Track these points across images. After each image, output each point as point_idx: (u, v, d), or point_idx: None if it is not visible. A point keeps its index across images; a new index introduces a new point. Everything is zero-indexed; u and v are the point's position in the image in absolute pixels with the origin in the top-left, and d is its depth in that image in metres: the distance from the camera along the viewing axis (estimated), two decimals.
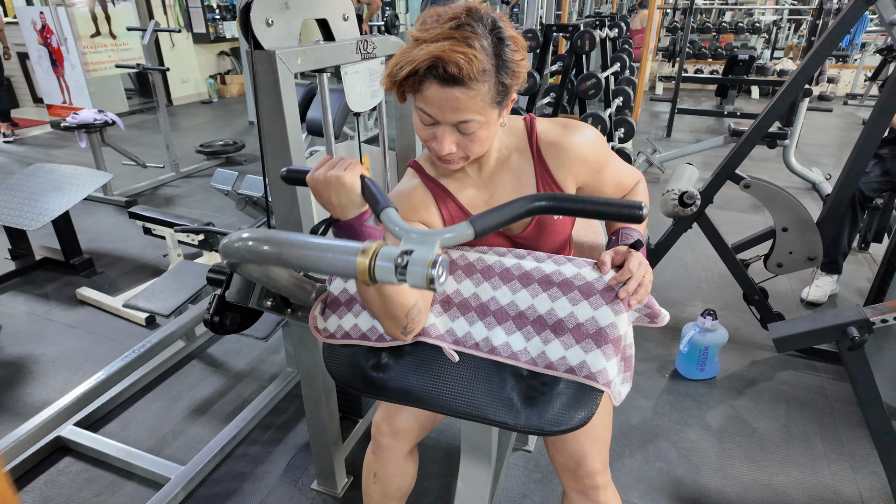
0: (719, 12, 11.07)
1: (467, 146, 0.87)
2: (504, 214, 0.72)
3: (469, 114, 0.81)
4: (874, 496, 1.63)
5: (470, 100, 0.80)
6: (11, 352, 2.29)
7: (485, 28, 0.80)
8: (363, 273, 0.61)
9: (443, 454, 1.77)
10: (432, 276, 0.60)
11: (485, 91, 0.80)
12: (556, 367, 0.87)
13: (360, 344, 0.97)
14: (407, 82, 0.80)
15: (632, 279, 0.87)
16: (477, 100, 0.80)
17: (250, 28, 1.10)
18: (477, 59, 0.77)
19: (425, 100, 0.82)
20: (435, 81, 0.79)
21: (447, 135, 0.85)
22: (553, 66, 4.07)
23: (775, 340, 1.37)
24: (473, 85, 0.79)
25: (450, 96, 0.79)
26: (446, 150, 0.86)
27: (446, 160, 0.90)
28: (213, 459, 1.71)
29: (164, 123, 4.31)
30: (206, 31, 7.56)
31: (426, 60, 0.77)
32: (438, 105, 0.81)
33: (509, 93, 0.86)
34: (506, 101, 0.87)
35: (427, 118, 0.84)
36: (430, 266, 0.60)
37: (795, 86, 1.93)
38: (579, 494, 1.05)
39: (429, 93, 0.80)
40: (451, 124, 0.84)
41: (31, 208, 2.54)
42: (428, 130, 0.86)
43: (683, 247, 3.09)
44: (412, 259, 0.61)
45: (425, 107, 0.83)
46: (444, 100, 0.80)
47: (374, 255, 0.62)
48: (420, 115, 0.85)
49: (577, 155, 0.97)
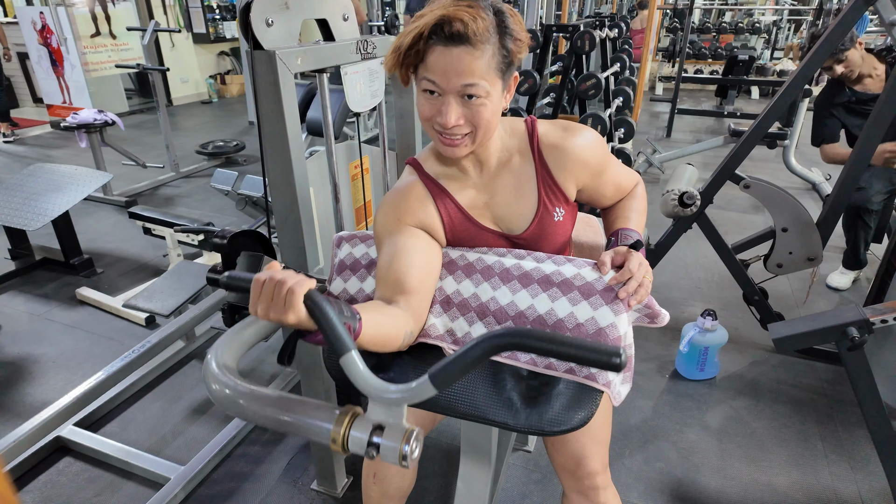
0: (719, 12, 11.07)
1: (472, 118, 0.84)
2: (465, 361, 0.62)
3: (475, 77, 0.81)
4: (874, 496, 1.63)
5: (475, 61, 0.80)
6: (11, 352, 2.29)
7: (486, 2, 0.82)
8: (336, 442, 0.61)
9: (443, 454, 1.77)
10: (405, 452, 0.60)
11: (489, 54, 0.81)
12: (556, 367, 0.87)
13: None
14: (412, 50, 0.80)
15: (632, 279, 0.87)
16: (482, 62, 0.80)
17: (250, 28, 1.10)
18: (482, 17, 0.79)
19: (430, 68, 0.81)
20: (440, 43, 0.79)
21: (452, 105, 0.83)
22: (553, 67, 4.07)
23: (775, 341, 1.37)
24: (479, 45, 0.79)
25: (455, 57, 0.79)
26: (453, 121, 0.83)
27: (451, 138, 0.87)
28: (213, 459, 1.71)
29: (164, 123, 4.31)
30: (206, 31, 7.56)
31: (432, 21, 0.78)
32: (443, 69, 0.80)
33: (512, 63, 0.86)
34: (509, 73, 0.86)
35: (432, 88, 0.83)
36: (404, 441, 0.60)
37: (795, 86, 1.93)
38: (579, 495, 1.05)
39: (433, 58, 0.80)
40: (457, 92, 0.82)
41: (30, 208, 2.54)
42: (432, 104, 0.84)
43: (683, 247, 3.09)
44: (385, 435, 0.61)
45: (430, 75, 0.82)
46: (450, 62, 0.79)
47: (348, 424, 0.62)
48: (425, 88, 0.84)
49: (578, 157, 0.97)
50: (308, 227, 1.31)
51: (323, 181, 1.62)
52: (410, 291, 0.88)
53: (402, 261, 0.89)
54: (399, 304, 0.86)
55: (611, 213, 1.09)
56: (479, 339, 0.62)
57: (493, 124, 0.87)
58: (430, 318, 0.94)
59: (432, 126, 0.87)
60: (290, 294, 0.65)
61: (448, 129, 0.85)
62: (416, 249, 0.92)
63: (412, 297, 0.88)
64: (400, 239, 0.92)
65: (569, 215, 1.03)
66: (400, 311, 0.85)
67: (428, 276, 0.92)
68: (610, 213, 1.09)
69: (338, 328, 0.65)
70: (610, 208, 1.10)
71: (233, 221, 3.57)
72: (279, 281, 0.65)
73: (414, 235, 0.93)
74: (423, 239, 0.94)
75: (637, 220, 1.03)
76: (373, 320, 0.75)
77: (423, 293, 0.90)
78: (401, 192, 0.97)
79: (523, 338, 0.61)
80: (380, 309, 0.82)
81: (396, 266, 0.89)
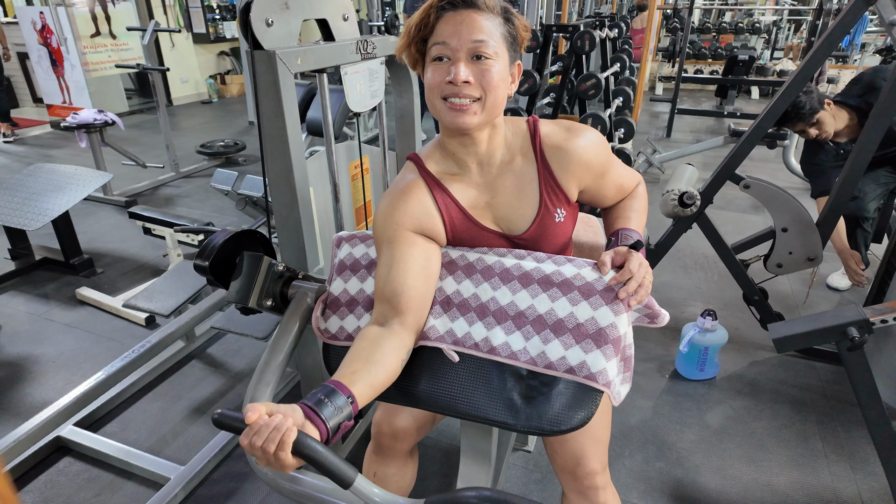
0: (719, 12, 11.08)
1: (482, 78, 0.85)
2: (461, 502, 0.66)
3: (484, 33, 0.84)
4: (874, 496, 1.63)
5: (484, 21, 0.84)
6: (11, 352, 2.29)
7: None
8: None
9: (443, 454, 1.77)
10: None
11: (497, 23, 0.86)
12: (556, 367, 0.87)
13: None
14: (422, 23, 0.85)
15: (632, 280, 0.87)
16: (490, 23, 0.85)
17: (250, 28, 1.10)
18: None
19: (439, 33, 0.85)
20: (449, 10, 0.85)
21: (463, 62, 0.84)
22: (553, 67, 4.07)
23: (775, 341, 1.37)
24: (487, 11, 0.85)
25: (465, 17, 0.84)
26: (462, 76, 0.83)
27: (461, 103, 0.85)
28: (213, 459, 1.71)
29: (164, 123, 4.31)
30: (206, 31, 7.56)
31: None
32: (454, 28, 0.84)
33: (516, 43, 0.89)
34: (514, 54, 0.90)
35: (441, 54, 0.85)
36: None
37: (795, 86, 1.93)
38: (578, 495, 1.05)
39: (443, 25, 0.85)
40: (467, 51, 0.84)
41: (30, 208, 2.54)
42: (442, 68, 0.85)
43: (683, 247, 3.09)
44: None
45: (440, 38, 0.85)
46: (461, 21, 0.84)
47: None
48: (434, 55, 0.86)
49: (581, 159, 0.97)
50: (308, 227, 1.31)
51: (323, 181, 1.62)
52: (406, 311, 0.89)
53: (399, 273, 0.90)
54: (393, 326, 0.88)
55: (611, 213, 1.08)
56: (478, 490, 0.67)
57: (500, 93, 0.87)
58: (429, 319, 0.94)
59: (441, 94, 0.86)
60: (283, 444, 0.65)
61: (458, 86, 0.84)
62: (414, 258, 0.92)
63: (408, 317, 0.89)
64: (398, 249, 0.92)
65: (570, 216, 1.03)
66: (394, 339, 0.87)
67: (425, 284, 0.92)
68: (610, 213, 1.09)
69: (336, 465, 0.66)
70: (610, 208, 1.10)
71: (233, 221, 3.57)
72: (271, 430, 0.66)
73: (412, 243, 0.93)
74: (420, 246, 0.94)
75: (637, 219, 1.03)
76: (367, 383, 0.79)
77: (419, 309, 0.91)
78: (401, 192, 0.96)
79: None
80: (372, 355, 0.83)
81: (394, 278, 0.90)
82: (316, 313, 1.02)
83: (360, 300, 0.99)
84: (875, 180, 2.41)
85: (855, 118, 2.26)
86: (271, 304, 1.11)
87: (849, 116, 2.27)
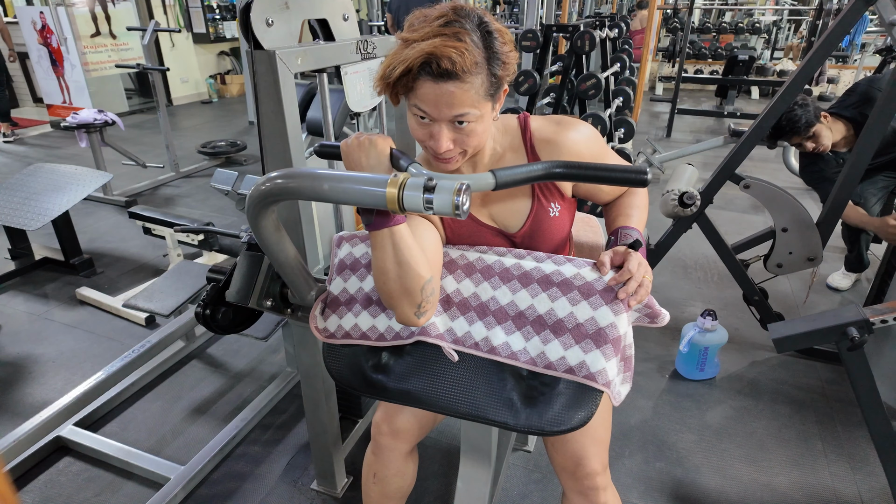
0: (719, 12, 11.07)
1: (464, 141, 0.86)
2: (523, 172, 0.80)
3: (464, 107, 0.81)
4: (874, 496, 1.63)
5: (464, 93, 0.80)
6: (11, 352, 2.29)
7: (472, 23, 0.81)
8: (393, 202, 0.66)
9: (443, 454, 1.77)
10: (457, 203, 0.64)
11: (478, 84, 0.81)
12: (556, 368, 0.87)
13: (361, 343, 0.97)
14: (401, 82, 0.80)
15: (632, 280, 0.87)
16: (471, 93, 0.81)
17: (250, 28, 1.10)
18: (469, 51, 0.78)
19: (420, 98, 0.82)
20: (429, 78, 0.79)
21: (444, 132, 0.84)
22: (553, 67, 4.06)
23: (775, 341, 1.37)
24: (467, 78, 0.79)
25: (444, 91, 0.80)
26: (444, 147, 0.85)
27: (444, 159, 0.88)
28: (213, 459, 1.71)
29: (164, 123, 4.31)
30: (206, 31, 7.56)
31: (419, 58, 0.77)
32: (434, 101, 0.81)
33: (501, 84, 0.86)
34: (498, 93, 0.87)
35: (423, 116, 0.84)
36: (456, 193, 0.64)
37: (795, 86, 1.93)
38: (579, 495, 1.04)
39: (423, 91, 0.80)
40: (448, 120, 0.83)
41: (31, 208, 2.54)
42: (424, 129, 0.86)
43: (683, 247, 3.09)
44: (439, 186, 0.65)
45: (420, 104, 0.82)
46: (440, 95, 0.80)
47: (402, 185, 0.66)
48: (415, 114, 0.85)
49: (572, 152, 0.97)
50: (308, 227, 1.30)
51: None
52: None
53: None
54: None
55: (611, 211, 1.08)
56: (539, 163, 0.82)
57: (483, 140, 0.89)
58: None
59: (424, 146, 0.89)
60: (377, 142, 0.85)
61: (440, 154, 0.87)
62: (427, 232, 0.93)
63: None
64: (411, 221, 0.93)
65: (566, 210, 1.03)
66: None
67: (436, 256, 0.93)
68: (610, 211, 1.09)
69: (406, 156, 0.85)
70: (610, 205, 1.10)
71: (233, 221, 3.57)
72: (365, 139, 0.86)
73: (419, 221, 0.95)
74: (427, 225, 0.96)
75: (638, 216, 1.03)
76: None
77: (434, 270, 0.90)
78: None
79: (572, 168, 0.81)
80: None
81: None
82: (314, 312, 1.02)
83: (358, 298, 0.99)
84: (874, 184, 2.41)
85: (851, 129, 2.27)
86: (271, 304, 1.11)
87: (845, 128, 2.27)
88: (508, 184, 0.78)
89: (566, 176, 0.82)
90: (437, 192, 0.65)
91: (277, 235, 0.89)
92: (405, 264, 0.83)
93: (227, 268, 1.15)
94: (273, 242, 0.89)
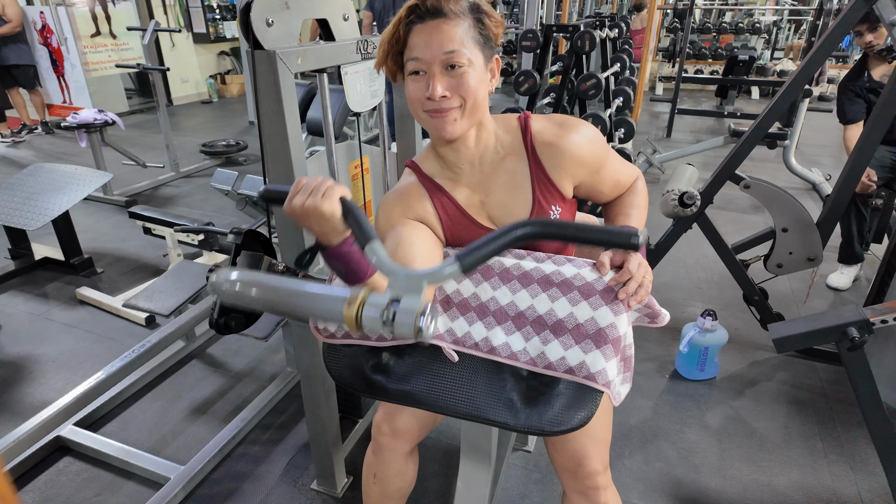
0: (719, 12, 11.07)
1: (458, 87, 0.86)
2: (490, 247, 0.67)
3: (454, 43, 0.84)
4: (874, 496, 1.63)
5: (452, 28, 0.84)
6: (11, 352, 2.29)
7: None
8: (350, 323, 0.61)
9: (443, 454, 1.77)
10: (420, 327, 0.60)
11: (466, 26, 0.85)
12: (556, 368, 0.87)
13: (361, 344, 0.97)
14: (394, 38, 0.85)
15: (631, 280, 0.87)
16: (459, 30, 0.84)
17: (250, 28, 1.10)
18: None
19: (411, 46, 0.86)
20: (418, 21, 0.85)
21: (438, 76, 0.85)
22: (553, 67, 4.06)
23: (775, 341, 1.37)
24: (454, 16, 0.84)
25: (433, 28, 0.84)
26: (439, 91, 0.85)
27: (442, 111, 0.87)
28: (213, 459, 1.71)
29: (164, 123, 4.31)
30: (206, 30, 7.56)
31: (407, 7, 0.85)
32: (425, 41, 0.84)
33: (491, 41, 0.89)
34: (489, 51, 0.90)
35: (416, 68, 0.86)
36: (419, 316, 0.60)
37: (795, 86, 1.93)
38: (579, 495, 1.04)
39: (414, 38, 0.85)
40: (440, 63, 0.85)
41: (31, 208, 2.54)
42: (420, 83, 0.87)
43: (683, 247, 3.09)
44: (400, 309, 0.61)
45: (413, 52, 0.85)
46: (430, 33, 0.84)
47: (360, 305, 0.61)
48: (410, 70, 0.87)
49: (574, 155, 0.96)
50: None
51: None
52: None
53: (406, 249, 0.91)
54: None
55: (611, 210, 1.08)
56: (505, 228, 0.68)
57: (480, 95, 0.89)
58: None
59: (422, 108, 0.89)
60: (330, 189, 0.74)
61: (436, 101, 0.86)
62: (420, 238, 0.94)
63: None
64: (403, 230, 0.94)
65: (566, 212, 1.03)
66: None
67: (433, 259, 0.94)
68: (610, 210, 1.09)
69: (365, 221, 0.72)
70: (610, 204, 1.09)
71: (233, 221, 3.57)
72: (321, 180, 0.75)
73: (416, 227, 0.95)
74: (425, 231, 0.96)
75: (637, 216, 1.03)
76: None
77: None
78: (400, 192, 1.00)
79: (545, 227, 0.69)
80: None
81: (402, 254, 0.90)
82: None
83: None
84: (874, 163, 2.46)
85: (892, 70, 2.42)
86: None
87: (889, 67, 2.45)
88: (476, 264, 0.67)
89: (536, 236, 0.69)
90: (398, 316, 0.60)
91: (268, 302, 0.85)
92: None
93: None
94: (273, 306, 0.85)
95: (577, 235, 0.68)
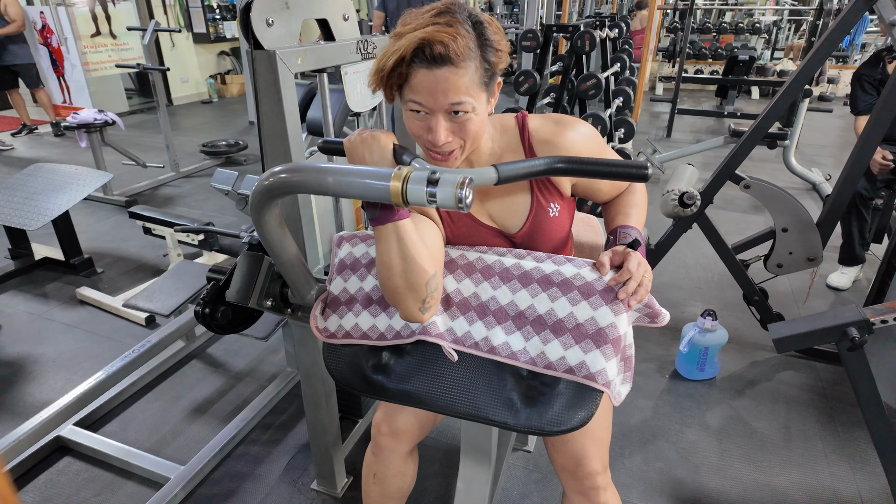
0: (719, 12, 11.07)
1: (461, 132, 0.85)
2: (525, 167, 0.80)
3: (460, 94, 0.81)
4: (874, 496, 1.63)
5: (459, 79, 0.80)
6: (11, 352, 2.29)
7: (463, 15, 0.82)
8: (396, 195, 0.66)
9: (443, 454, 1.77)
10: (461, 196, 0.64)
11: (472, 70, 0.81)
12: (556, 368, 0.87)
13: (361, 343, 0.97)
14: (395, 73, 0.80)
15: (631, 280, 0.87)
16: (465, 79, 0.80)
17: (250, 28, 1.10)
18: (461, 37, 0.78)
19: (415, 89, 0.81)
20: (423, 65, 0.79)
21: (441, 123, 0.83)
22: (553, 67, 4.06)
23: (775, 341, 1.37)
24: (461, 63, 0.79)
25: (439, 78, 0.79)
26: (443, 139, 0.84)
27: (444, 154, 0.87)
28: (213, 459, 1.71)
29: (164, 123, 4.31)
30: (207, 30, 7.56)
31: (412, 45, 0.78)
32: (429, 89, 0.80)
33: (495, 74, 0.86)
34: (492, 84, 0.87)
35: (418, 109, 0.83)
36: (459, 186, 0.64)
37: (795, 86, 1.93)
38: (579, 495, 1.04)
39: (417, 79, 0.80)
40: (444, 110, 0.82)
41: (31, 208, 2.54)
42: (421, 123, 0.85)
43: (683, 247, 3.09)
44: (442, 179, 0.65)
45: (415, 96, 0.82)
46: (434, 82, 0.79)
47: (405, 178, 0.66)
48: (411, 108, 0.84)
49: (571, 152, 0.96)
50: (308, 226, 1.30)
51: None
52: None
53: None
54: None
55: (610, 210, 1.08)
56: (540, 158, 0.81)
57: (480, 133, 0.88)
58: None
59: (422, 142, 0.88)
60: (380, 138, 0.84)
61: (438, 146, 0.85)
62: (427, 231, 0.93)
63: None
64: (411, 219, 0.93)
65: (565, 210, 1.03)
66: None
67: (438, 252, 0.93)
68: (609, 210, 1.09)
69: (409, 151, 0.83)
70: (609, 204, 1.09)
71: (233, 221, 3.57)
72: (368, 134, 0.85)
73: (423, 220, 0.95)
74: (430, 224, 0.96)
75: (637, 215, 1.03)
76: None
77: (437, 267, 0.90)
78: None
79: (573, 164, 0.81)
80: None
81: None
82: (314, 312, 1.02)
83: (358, 298, 0.99)
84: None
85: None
86: (271, 304, 1.11)
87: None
88: (511, 178, 0.78)
89: (568, 171, 0.82)
90: (440, 185, 0.65)
91: (280, 232, 0.89)
92: (410, 259, 0.83)
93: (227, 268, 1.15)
94: (276, 239, 0.89)
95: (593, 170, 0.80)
